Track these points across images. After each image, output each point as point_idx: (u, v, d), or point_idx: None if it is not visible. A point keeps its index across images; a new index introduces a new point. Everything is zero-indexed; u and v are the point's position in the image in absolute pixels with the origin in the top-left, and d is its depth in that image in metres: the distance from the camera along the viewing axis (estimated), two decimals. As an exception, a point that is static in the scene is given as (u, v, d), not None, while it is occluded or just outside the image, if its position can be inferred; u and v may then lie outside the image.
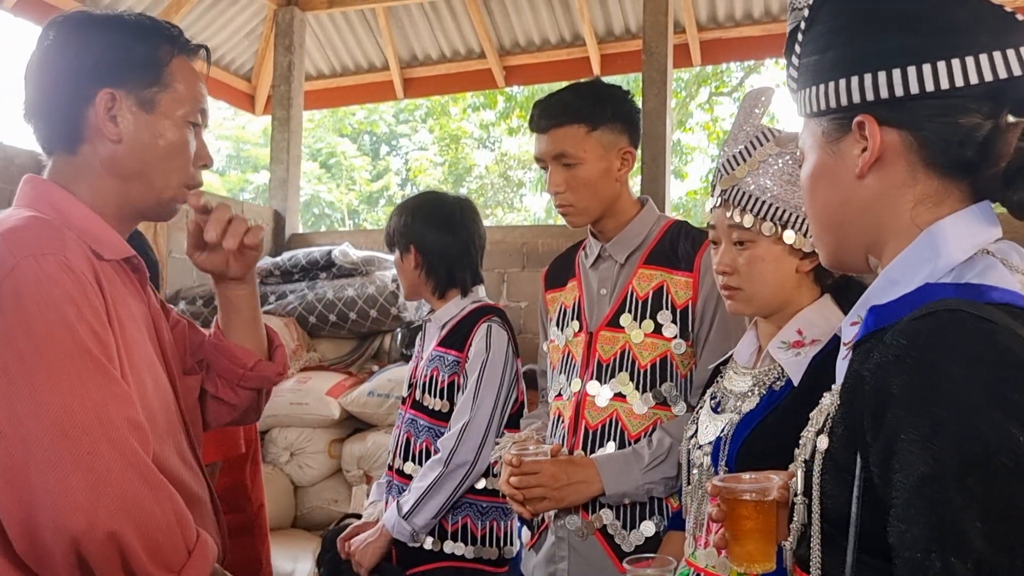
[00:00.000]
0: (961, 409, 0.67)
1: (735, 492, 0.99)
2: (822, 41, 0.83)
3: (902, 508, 0.69)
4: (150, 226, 3.88)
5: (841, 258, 0.89)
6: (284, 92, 5.13)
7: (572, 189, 1.69)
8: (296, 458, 3.62)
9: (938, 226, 0.79)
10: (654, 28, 4.36)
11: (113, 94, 1.16)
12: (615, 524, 1.63)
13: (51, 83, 1.18)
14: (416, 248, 2.08)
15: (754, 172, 1.30)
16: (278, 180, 5.10)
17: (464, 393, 1.99)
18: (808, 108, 0.85)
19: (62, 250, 1.04)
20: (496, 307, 2.11)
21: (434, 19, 5.70)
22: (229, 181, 14.85)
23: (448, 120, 14.37)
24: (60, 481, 0.94)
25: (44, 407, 0.96)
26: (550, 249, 4.18)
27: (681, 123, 12.75)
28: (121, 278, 1.19)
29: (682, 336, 1.65)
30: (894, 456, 0.69)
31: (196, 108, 1.24)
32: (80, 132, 1.17)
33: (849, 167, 0.82)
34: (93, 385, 0.99)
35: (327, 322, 4.01)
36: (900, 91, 0.77)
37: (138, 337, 1.16)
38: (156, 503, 1.00)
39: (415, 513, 1.94)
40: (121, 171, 1.19)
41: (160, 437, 1.14)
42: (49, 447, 0.95)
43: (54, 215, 1.13)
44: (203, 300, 4.04)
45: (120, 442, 0.99)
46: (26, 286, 1.00)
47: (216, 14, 5.50)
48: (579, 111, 1.68)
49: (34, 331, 0.98)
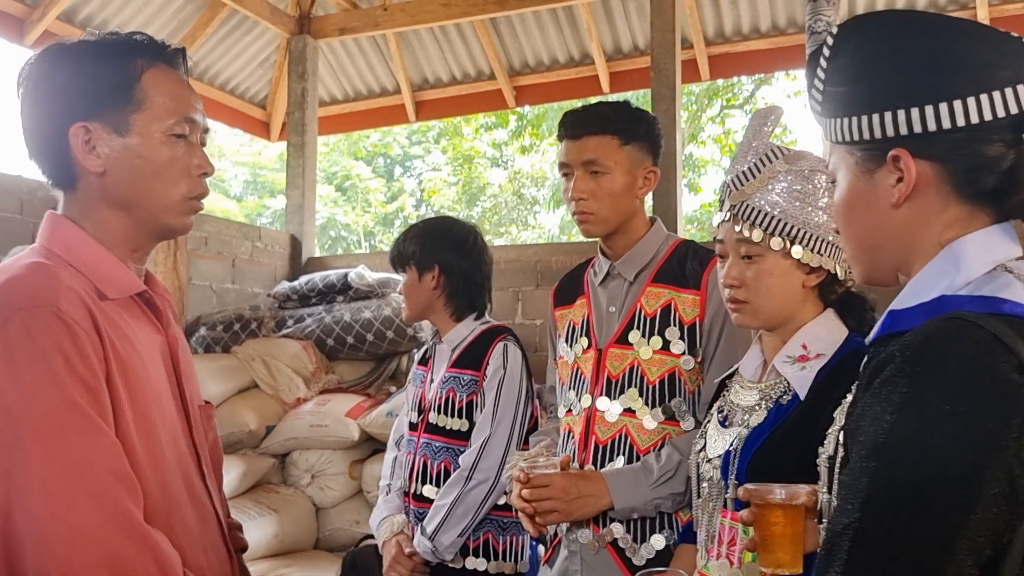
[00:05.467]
0: (912, 408, 0.72)
1: (765, 496, 1.03)
2: (851, 73, 0.87)
3: (839, 489, 0.76)
4: (170, 254, 3.95)
5: (874, 276, 0.94)
6: (298, 118, 5.21)
7: (595, 198, 1.72)
8: (317, 480, 3.65)
9: (960, 242, 0.84)
10: (662, 45, 4.40)
11: (86, 127, 1.14)
12: (626, 538, 1.65)
13: (31, 127, 1.17)
14: (440, 269, 2.11)
15: (763, 188, 1.33)
16: (294, 205, 5.17)
17: (483, 410, 2.02)
18: (839, 136, 0.89)
19: (55, 301, 1.04)
20: (506, 327, 2.15)
21: (444, 42, 5.78)
22: (247, 207, 15.01)
23: (461, 140, 14.47)
24: (40, 533, 0.95)
25: (29, 459, 0.97)
26: (563, 267, 4.21)
27: (693, 136, 12.77)
28: (131, 312, 1.18)
29: (690, 352, 1.67)
30: (852, 440, 0.76)
31: (180, 119, 1.19)
32: (72, 170, 1.16)
33: (883, 196, 0.86)
34: (77, 438, 0.99)
35: (345, 344, 4.05)
36: (933, 126, 0.81)
37: (145, 372, 1.15)
38: (136, 556, 1.00)
39: (441, 531, 1.97)
40: (116, 201, 1.18)
41: (167, 471, 1.15)
42: (31, 500, 0.96)
43: (64, 254, 1.14)
44: (223, 325, 4.09)
45: (101, 496, 0.99)
46: (18, 339, 1.00)
47: (230, 44, 5.60)
48: (615, 123, 1.73)
49: (22, 384, 0.99)
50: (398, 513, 2.14)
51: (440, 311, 2.15)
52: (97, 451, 1.01)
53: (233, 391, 3.77)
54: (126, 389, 1.10)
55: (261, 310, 4.29)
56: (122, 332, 1.14)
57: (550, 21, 5.48)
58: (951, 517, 0.68)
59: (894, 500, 0.70)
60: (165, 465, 1.15)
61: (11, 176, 3.47)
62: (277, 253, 4.90)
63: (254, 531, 3.25)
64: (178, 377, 1.26)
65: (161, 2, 5.05)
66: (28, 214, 3.48)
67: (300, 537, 3.51)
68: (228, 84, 5.85)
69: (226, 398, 3.72)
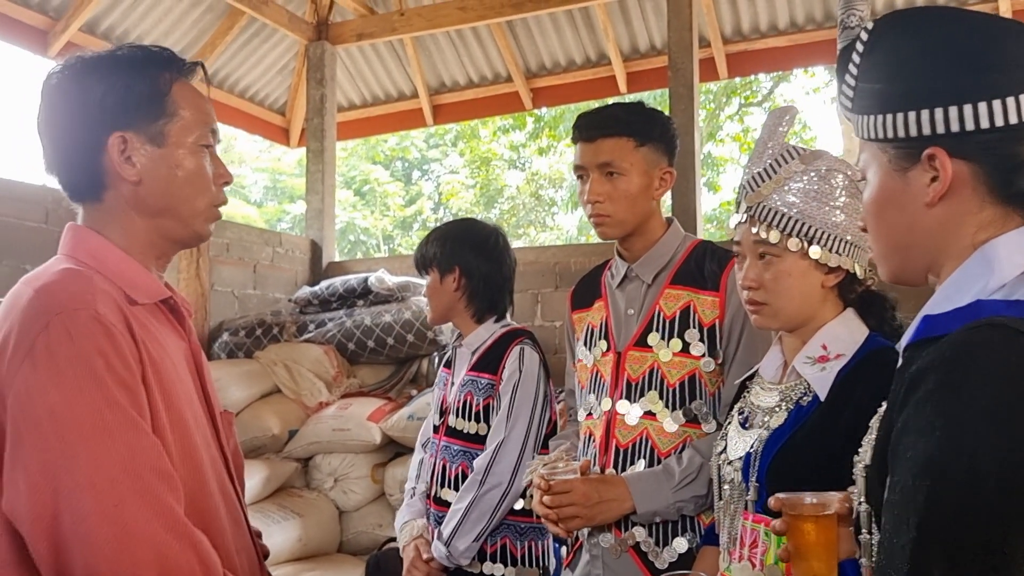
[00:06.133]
0: (959, 420, 0.70)
1: (797, 505, 1.02)
2: (886, 70, 0.86)
3: (887, 507, 0.73)
4: (192, 261, 3.99)
5: (902, 276, 0.93)
6: (317, 124, 5.24)
7: (612, 200, 1.72)
8: (340, 484, 3.67)
9: (991, 244, 0.82)
10: (679, 44, 4.37)
11: (123, 137, 1.17)
12: (648, 541, 1.65)
13: (62, 137, 1.19)
14: (461, 271, 2.12)
15: (780, 189, 1.33)
16: (314, 211, 5.20)
17: (498, 413, 2.03)
18: (871, 133, 0.88)
19: (92, 303, 1.06)
20: (526, 330, 2.15)
21: (461, 46, 5.80)
22: (267, 212, 15.11)
23: (478, 143, 14.49)
24: (89, 533, 0.97)
25: (74, 460, 0.99)
26: (582, 268, 4.19)
27: (712, 135, 12.70)
28: (157, 318, 1.21)
29: (710, 354, 1.66)
30: (896, 456, 0.74)
31: (206, 130, 1.24)
32: (101, 180, 1.19)
33: (917, 194, 0.85)
34: (121, 438, 1.01)
35: (365, 348, 4.07)
36: (970, 125, 0.80)
37: (177, 375, 1.17)
38: (181, 553, 1.02)
39: (456, 536, 1.97)
40: (148, 209, 1.21)
41: (203, 472, 1.17)
42: (78, 499, 0.98)
43: (91, 262, 1.16)
44: (245, 331, 4.13)
45: (146, 493, 1.01)
46: (58, 342, 1.02)
47: (249, 52, 5.65)
48: (630, 124, 1.72)
49: (65, 386, 1.01)
50: (419, 517, 2.15)
51: (462, 313, 2.15)
52: (140, 450, 1.03)
53: (256, 396, 3.80)
54: (160, 391, 1.12)
55: (283, 315, 4.33)
56: (153, 336, 1.16)
57: (566, 22, 5.48)
58: (1009, 528, 0.67)
59: (952, 516, 0.69)
60: (201, 466, 1.17)
61: (36, 186, 3.51)
62: (298, 258, 4.93)
63: (278, 535, 3.28)
64: (203, 383, 1.28)
65: (181, 12, 5.10)
66: (53, 223, 3.53)
67: (324, 540, 3.53)
68: (248, 91, 5.90)
69: (249, 403, 3.75)
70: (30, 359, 1.02)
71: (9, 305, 1.10)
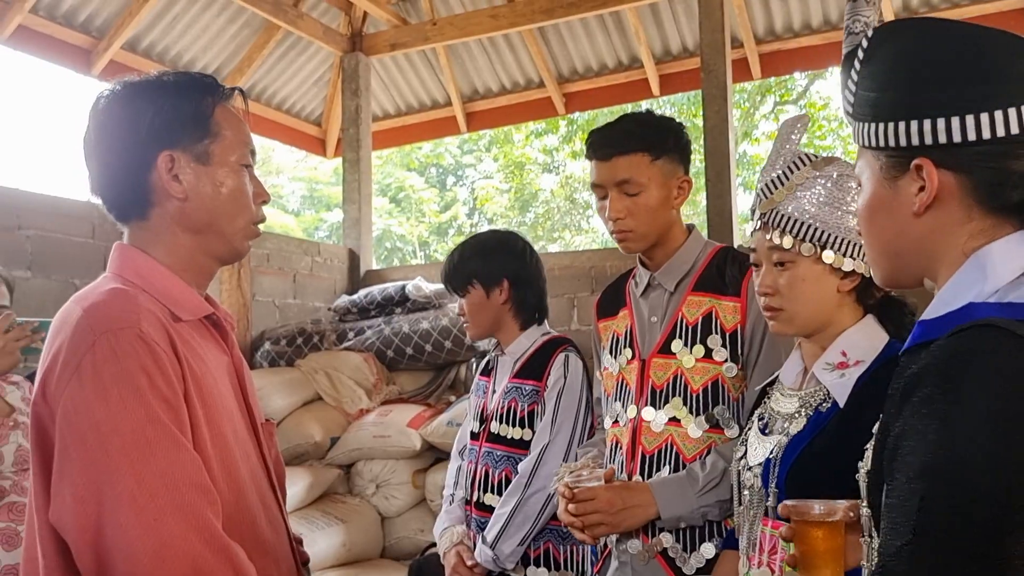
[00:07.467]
0: (953, 424, 0.71)
1: (804, 512, 1.03)
2: (881, 79, 0.87)
3: (886, 510, 0.74)
4: (234, 272, 4.08)
5: (894, 280, 0.94)
6: (353, 135, 5.32)
7: (633, 215, 1.73)
8: (382, 490, 3.72)
9: (985, 251, 0.83)
10: (711, 45, 4.36)
11: (171, 155, 1.22)
12: (676, 547, 1.66)
13: (112, 156, 1.24)
14: (509, 281, 2.14)
15: (792, 195, 1.34)
16: (351, 220, 5.27)
17: (543, 418, 2.05)
18: (866, 141, 0.90)
19: (137, 323, 1.11)
20: (567, 338, 2.17)
21: (493, 54, 5.84)
22: (304, 221, 15.32)
23: (512, 147, 14.54)
24: (129, 545, 1.01)
25: (116, 475, 1.03)
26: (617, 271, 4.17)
27: (747, 134, 12.59)
28: (200, 334, 1.26)
29: (732, 360, 1.67)
30: (893, 460, 0.75)
31: (246, 150, 1.30)
32: (148, 197, 1.24)
33: (905, 203, 0.86)
34: (162, 453, 1.05)
35: (404, 355, 4.12)
36: (957, 137, 0.81)
37: (217, 390, 1.22)
38: (217, 565, 1.05)
39: (501, 539, 1.99)
40: (193, 225, 1.26)
41: (242, 484, 1.21)
42: (120, 512, 1.01)
43: (138, 281, 1.21)
44: (286, 340, 4.20)
45: (185, 507, 1.04)
46: (104, 361, 1.07)
47: (286, 64, 5.76)
48: (644, 139, 1.73)
49: (110, 403, 1.05)
50: (459, 523, 2.17)
51: (509, 323, 2.17)
52: (180, 465, 1.07)
53: (298, 404, 3.87)
54: (202, 406, 1.16)
55: (323, 324, 4.40)
56: (196, 352, 1.21)
57: (598, 27, 5.49)
58: (1004, 531, 0.68)
59: (947, 520, 0.70)
60: (240, 479, 1.21)
61: (82, 202, 3.61)
62: (336, 267, 5.01)
63: (323, 541, 3.33)
64: (244, 395, 1.33)
65: (219, 28, 5.22)
66: (100, 238, 3.63)
67: (367, 546, 3.58)
68: (284, 103, 6.00)
69: (291, 411, 3.82)
70: (77, 376, 1.07)
71: (60, 322, 1.16)
